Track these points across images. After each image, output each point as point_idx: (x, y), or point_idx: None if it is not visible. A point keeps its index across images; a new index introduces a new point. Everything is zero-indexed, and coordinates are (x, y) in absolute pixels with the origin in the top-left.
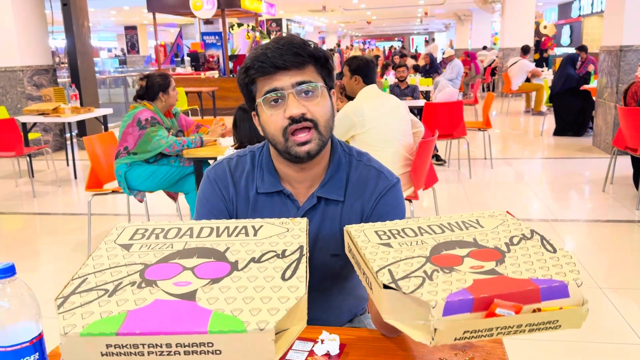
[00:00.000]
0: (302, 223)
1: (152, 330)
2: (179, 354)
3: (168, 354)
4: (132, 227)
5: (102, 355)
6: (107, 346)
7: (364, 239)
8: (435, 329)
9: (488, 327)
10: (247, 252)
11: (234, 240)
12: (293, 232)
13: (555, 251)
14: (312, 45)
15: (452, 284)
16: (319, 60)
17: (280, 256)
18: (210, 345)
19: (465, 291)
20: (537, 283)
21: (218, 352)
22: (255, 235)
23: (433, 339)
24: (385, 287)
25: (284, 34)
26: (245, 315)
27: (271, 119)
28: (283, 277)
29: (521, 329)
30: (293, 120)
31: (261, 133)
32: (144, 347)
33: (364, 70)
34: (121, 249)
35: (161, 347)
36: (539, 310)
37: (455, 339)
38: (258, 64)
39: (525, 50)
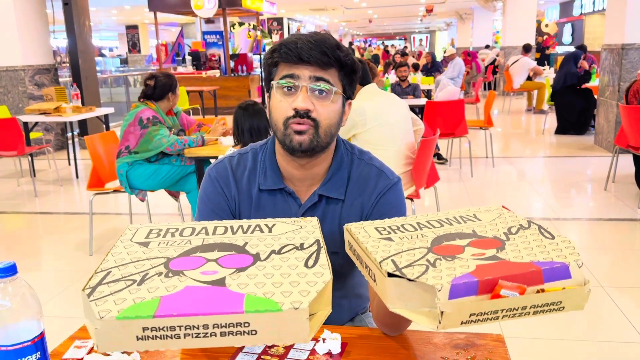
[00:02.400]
0: (314, 221)
1: (188, 312)
2: (215, 335)
3: (204, 336)
4: (146, 228)
5: (138, 339)
6: (144, 329)
7: (364, 235)
8: (442, 312)
9: (494, 309)
10: (266, 245)
11: (250, 236)
12: (307, 229)
13: (553, 237)
14: (344, 52)
15: (456, 270)
16: (344, 67)
17: (299, 248)
18: (246, 325)
19: (469, 275)
20: (538, 265)
21: (254, 332)
22: (270, 232)
23: (440, 323)
24: (390, 275)
25: (286, 34)
26: (278, 297)
27: (279, 105)
28: (307, 265)
29: (526, 311)
30: (297, 113)
31: (267, 115)
32: (180, 330)
33: None
34: (139, 246)
35: (198, 328)
36: (543, 291)
37: (461, 323)
38: (284, 50)
39: (526, 49)
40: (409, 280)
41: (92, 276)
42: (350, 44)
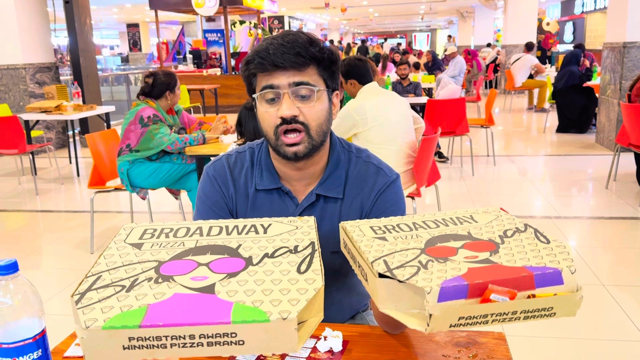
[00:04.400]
0: (310, 221)
1: (175, 322)
2: (202, 345)
3: (191, 346)
4: (141, 227)
5: (124, 348)
6: (130, 339)
7: (359, 233)
8: (430, 315)
9: (483, 313)
10: (260, 248)
11: (244, 237)
12: (302, 230)
13: (548, 242)
14: (318, 47)
15: (447, 272)
16: (321, 62)
17: (293, 251)
18: (233, 335)
19: (459, 278)
20: (530, 270)
21: (241, 342)
22: (265, 232)
23: (428, 325)
24: (381, 276)
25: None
26: (267, 306)
27: (265, 115)
28: (299, 271)
29: (516, 316)
30: (284, 120)
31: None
32: (166, 340)
33: (356, 72)
34: (132, 247)
35: (184, 338)
36: (534, 296)
37: (450, 326)
38: (258, 60)
39: (529, 47)
40: (399, 281)
41: (83, 281)
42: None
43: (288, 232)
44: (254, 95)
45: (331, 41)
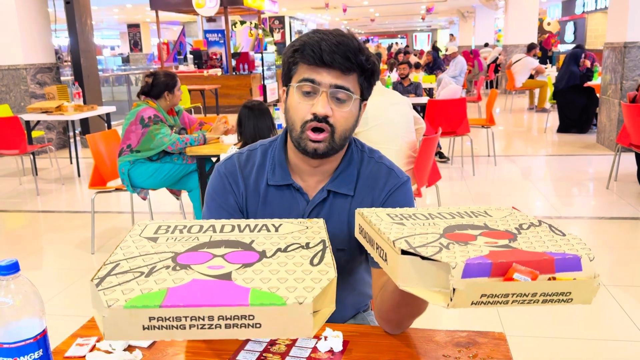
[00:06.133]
0: (320, 222)
1: (195, 303)
2: (220, 327)
3: (209, 327)
4: (155, 224)
5: (144, 328)
6: (150, 319)
7: (376, 218)
8: (454, 290)
9: (505, 292)
10: (272, 243)
11: (257, 234)
12: (313, 229)
13: (564, 235)
14: (365, 56)
15: (469, 252)
16: (364, 72)
17: (305, 247)
18: (251, 318)
19: (483, 257)
20: (551, 255)
21: (258, 325)
22: (276, 231)
23: (452, 300)
24: (404, 253)
25: (287, 32)
26: (283, 292)
27: (297, 107)
28: (312, 263)
29: (535, 299)
30: (316, 117)
31: (281, 110)
32: (186, 320)
33: None
34: (148, 240)
35: (203, 319)
36: (554, 279)
37: (472, 303)
38: (308, 52)
39: (530, 49)
40: (423, 258)
41: (101, 267)
42: (366, 41)
43: (299, 231)
44: (291, 85)
45: None
